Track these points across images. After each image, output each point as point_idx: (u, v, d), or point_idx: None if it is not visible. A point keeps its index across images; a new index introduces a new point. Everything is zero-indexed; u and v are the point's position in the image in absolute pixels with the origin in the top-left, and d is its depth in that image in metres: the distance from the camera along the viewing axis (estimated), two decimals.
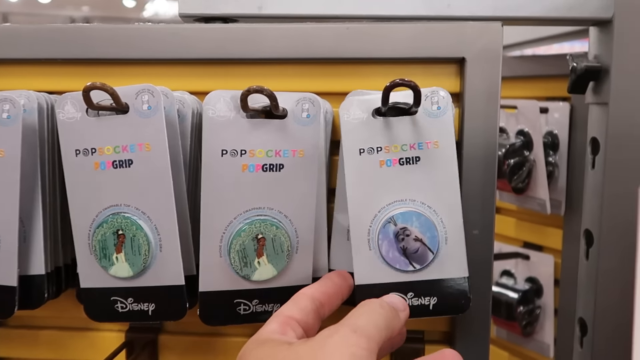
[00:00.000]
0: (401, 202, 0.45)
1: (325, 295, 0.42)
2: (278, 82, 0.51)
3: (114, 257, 0.44)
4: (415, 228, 0.44)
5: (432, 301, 0.45)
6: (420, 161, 0.45)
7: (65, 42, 0.51)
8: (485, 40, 0.48)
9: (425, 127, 0.45)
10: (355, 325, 0.35)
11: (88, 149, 0.45)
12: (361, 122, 0.45)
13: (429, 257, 0.44)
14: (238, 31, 0.50)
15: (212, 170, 0.44)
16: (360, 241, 0.45)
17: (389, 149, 0.45)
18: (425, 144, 0.45)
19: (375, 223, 0.45)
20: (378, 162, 0.45)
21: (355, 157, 0.45)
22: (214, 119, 0.44)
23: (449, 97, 0.45)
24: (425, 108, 0.45)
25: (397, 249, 0.44)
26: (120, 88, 0.43)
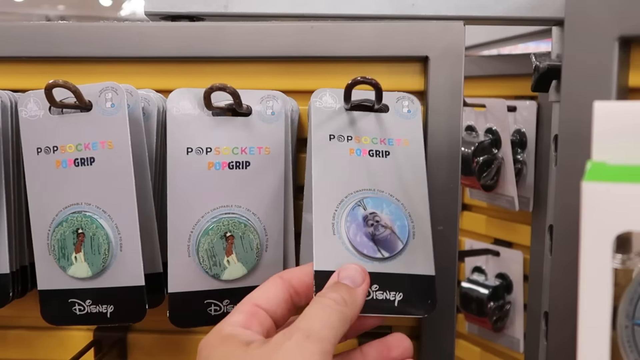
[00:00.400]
0: (370, 192, 0.43)
1: (303, 284, 0.41)
2: (244, 80, 0.51)
3: (73, 256, 0.44)
4: (386, 215, 0.43)
5: (397, 297, 0.42)
6: (390, 156, 0.44)
7: (29, 40, 0.51)
8: (448, 39, 0.49)
9: (396, 125, 0.45)
10: (309, 329, 0.34)
11: (50, 147, 0.44)
12: (333, 111, 0.44)
13: (398, 246, 0.43)
14: (204, 29, 0.50)
15: (178, 168, 0.44)
16: (322, 225, 0.42)
17: (359, 140, 0.44)
18: (395, 141, 0.45)
19: (341, 208, 0.43)
20: (348, 149, 0.44)
21: (324, 142, 0.44)
22: (178, 117, 0.44)
23: (419, 104, 0.47)
24: (397, 109, 0.46)
25: (365, 233, 0.42)
26: (83, 86, 0.43)
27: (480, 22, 0.55)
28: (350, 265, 0.41)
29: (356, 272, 0.40)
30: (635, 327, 0.27)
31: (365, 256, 0.42)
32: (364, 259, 0.42)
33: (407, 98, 0.46)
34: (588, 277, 0.26)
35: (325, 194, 0.43)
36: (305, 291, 0.41)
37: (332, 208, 0.42)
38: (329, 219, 0.42)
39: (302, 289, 0.41)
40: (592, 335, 0.26)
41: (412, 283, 0.43)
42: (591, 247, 0.25)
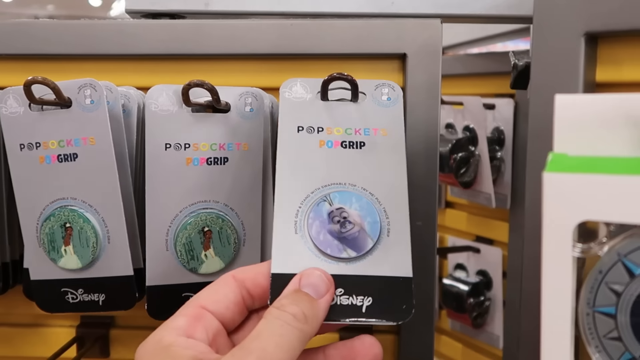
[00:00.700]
0: (339, 186, 0.40)
1: (258, 286, 0.37)
2: (224, 78, 0.51)
3: (62, 249, 0.45)
4: (355, 210, 0.39)
5: (365, 302, 0.37)
6: (365, 147, 0.41)
7: (9, 38, 0.51)
8: (426, 37, 0.50)
9: (374, 114, 0.42)
10: (261, 355, 0.30)
11: (32, 143, 0.45)
12: (303, 101, 0.42)
13: (367, 244, 0.38)
14: (184, 27, 0.51)
15: (157, 164, 0.45)
16: (284, 223, 0.39)
17: (332, 131, 0.41)
18: (372, 131, 0.41)
19: (306, 204, 0.39)
20: (318, 141, 0.41)
21: (292, 134, 0.41)
22: (156, 113, 0.44)
23: (400, 90, 0.43)
24: (375, 97, 0.43)
25: (329, 231, 0.38)
26: (62, 82, 0.44)
27: (458, 20, 0.56)
28: (314, 272, 0.36)
29: (320, 280, 0.36)
30: (596, 314, 0.27)
31: (329, 256, 0.38)
32: (328, 259, 0.38)
33: (387, 85, 0.43)
34: (549, 265, 0.26)
35: (289, 190, 0.40)
36: (260, 294, 0.37)
37: (295, 204, 0.39)
38: (291, 217, 0.39)
39: (256, 291, 0.37)
40: (554, 323, 0.27)
41: (384, 286, 0.38)
42: (552, 237, 0.26)
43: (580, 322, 0.27)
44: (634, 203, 0.25)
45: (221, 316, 0.35)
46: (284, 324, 0.32)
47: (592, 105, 0.27)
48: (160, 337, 0.32)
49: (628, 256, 0.27)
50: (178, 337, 0.32)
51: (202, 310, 0.34)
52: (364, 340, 0.37)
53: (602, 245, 0.27)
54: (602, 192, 0.25)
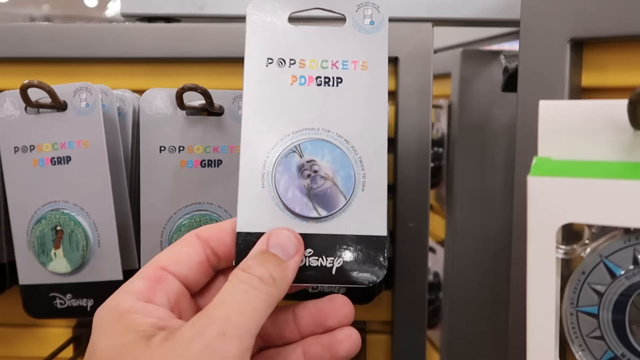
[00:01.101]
0: (312, 131, 0.36)
1: (223, 245, 0.34)
2: (219, 81, 0.52)
3: (52, 252, 0.45)
4: (327, 163, 0.35)
5: (336, 264, 0.35)
6: (342, 84, 0.36)
7: (4, 41, 0.52)
8: (417, 40, 0.51)
9: (353, 42, 0.37)
10: (226, 323, 0.28)
11: (27, 146, 0.45)
12: (274, 26, 0.37)
13: (340, 202, 0.35)
14: (179, 31, 0.51)
15: (151, 166, 0.45)
16: (250, 175, 0.35)
17: (305, 63, 0.36)
18: (351, 64, 0.37)
19: (274, 153, 0.36)
20: (289, 77, 0.36)
21: (260, 68, 0.36)
22: (151, 116, 0.45)
23: (386, 12, 0.37)
24: (356, 21, 0.37)
25: (298, 186, 0.35)
26: (58, 86, 0.44)
27: (450, 24, 0.57)
28: (282, 231, 0.34)
29: (289, 240, 0.33)
30: (579, 314, 0.28)
31: (298, 215, 0.35)
32: (296, 217, 0.35)
33: (370, 5, 0.37)
34: (534, 267, 0.27)
35: (255, 136, 0.36)
36: (226, 253, 0.34)
37: (262, 153, 0.36)
38: (258, 168, 0.35)
39: (221, 250, 0.34)
40: (540, 323, 0.27)
41: (356, 246, 0.35)
42: (536, 239, 0.27)
43: (565, 321, 0.28)
44: (615, 206, 0.25)
45: (184, 278, 0.33)
46: (249, 288, 0.30)
47: (575, 111, 0.27)
48: (117, 303, 0.30)
49: (609, 257, 0.27)
50: (136, 303, 0.30)
51: (162, 271, 0.32)
52: (334, 299, 0.34)
53: (585, 247, 0.28)
54: (585, 195, 0.26)
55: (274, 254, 0.33)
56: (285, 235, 0.33)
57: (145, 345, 0.28)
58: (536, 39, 0.35)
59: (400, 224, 0.52)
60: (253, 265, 0.31)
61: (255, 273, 0.31)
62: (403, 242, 0.52)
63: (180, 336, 0.28)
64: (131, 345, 0.28)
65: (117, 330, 0.29)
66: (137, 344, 0.28)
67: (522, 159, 0.36)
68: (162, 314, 0.30)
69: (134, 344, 0.28)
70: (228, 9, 0.54)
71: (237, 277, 0.31)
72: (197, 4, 0.53)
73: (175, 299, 0.32)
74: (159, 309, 0.31)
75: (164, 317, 0.30)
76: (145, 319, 0.29)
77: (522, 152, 0.36)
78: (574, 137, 0.27)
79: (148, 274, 0.32)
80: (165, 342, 0.28)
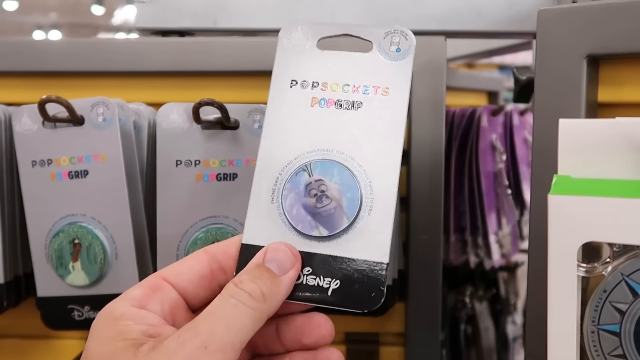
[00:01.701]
0: (325, 152, 0.36)
1: (230, 257, 0.34)
2: (232, 94, 0.52)
3: (70, 265, 0.45)
4: (335, 184, 0.35)
5: (332, 285, 0.34)
6: (362, 108, 0.37)
7: (22, 55, 0.52)
8: (430, 54, 0.51)
9: (378, 68, 0.37)
10: (209, 336, 0.29)
11: (44, 160, 0.46)
12: (302, 50, 0.38)
13: (342, 223, 0.35)
14: (193, 44, 0.52)
15: (167, 180, 0.46)
16: (261, 190, 0.36)
17: (327, 87, 0.37)
18: (372, 89, 0.37)
19: (287, 171, 0.36)
20: (310, 99, 0.37)
21: (284, 89, 0.37)
22: (167, 131, 0.45)
23: (413, 40, 0.37)
24: (382, 47, 0.37)
25: (304, 204, 0.35)
26: (75, 101, 0.45)
27: (461, 36, 0.57)
28: (280, 246, 0.34)
29: (285, 255, 0.33)
30: (600, 332, 0.28)
31: (301, 233, 0.35)
32: (300, 235, 0.35)
33: (399, 33, 0.37)
34: (555, 285, 0.27)
35: (271, 153, 0.37)
36: (233, 267, 0.35)
37: (276, 170, 0.36)
38: (271, 183, 0.36)
39: (228, 264, 0.34)
40: (561, 341, 0.28)
41: (355, 269, 0.35)
42: (558, 257, 0.27)
43: (585, 339, 0.28)
44: (637, 225, 0.25)
45: (182, 289, 0.33)
46: (238, 303, 0.30)
47: (595, 129, 0.27)
48: (113, 308, 0.31)
49: (631, 276, 0.28)
50: (130, 309, 0.31)
51: (161, 281, 0.33)
52: (312, 318, 0.34)
53: (606, 265, 0.28)
54: (606, 214, 0.26)
55: (268, 269, 0.33)
56: (282, 251, 0.34)
57: (133, 354, 0.29)
58: (552, 55, 0.35)
59: (413, 236, 0.52)
60: (245, 280, 0.31)
61: (245, 288, 0.31)
62: (416, 254, 0.52)
63: (165, 346, 0.29)
64: (119, 352, 0.29)
65: (109, 337, 0.30)
66: (125, 352, 0.29)
67: (538, 175, 0.36)
68: (153, 320, 0.31)
69: (123, 351, 0.29)
70: (241, 22, 0.54)
71: (228, 291, 0.31)
72: (211, 18, 0.54)
73: (170, 308, 0.32)
74: (150, 316, 0.31)
75: (155, 324, 0.31)
76: (136, 326, 0.30)
77: (538, 168, 0.36)
78: (594, 155, 0.27)
79: (147, 283, 0.33)
80: (151, 352, 0.28)
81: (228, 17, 0.54)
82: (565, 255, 0.27)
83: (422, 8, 0.54)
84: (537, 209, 0.36)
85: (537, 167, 0.36)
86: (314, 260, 0.35)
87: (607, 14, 0.34)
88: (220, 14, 0.54)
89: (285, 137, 0.37)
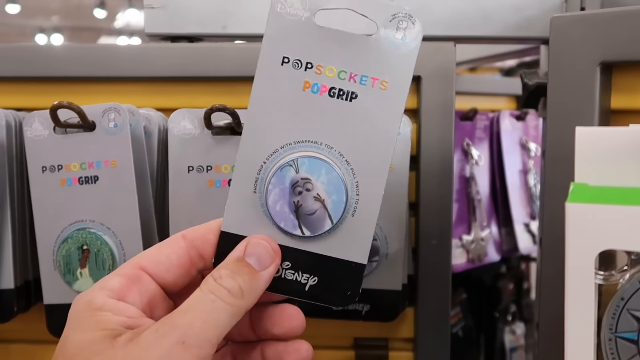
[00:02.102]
0: (314, 145, 0.35)
1: (208, 244, 0.34)
2: (241, 99, 0.52)
3: (78, 272, 0.45)
4: (321, 184, 0.34)
5: (310, 281, 0.35)
6: (356, 100, 0.34)
7: (32, 61, 0.52)
8: (440, 59, 0.51)
9: (379, 56, 0.34)
10: (187, 331, 0.29)
11: (55, 166, 0.46)
12: (297, 21, 0.34)
13: (325, 225, 0.34)
14: (202, 50, 0.52)
15: (180, 186, 0.46)
16: (244, 177, 0.35)
17: (322, 70, 0.34)
18: (371, 80, 0.34)
19: (271, 160, 0.35)
20: (302, 82, 0.34)
21: (274, 67, 0.34)
22: (179, 137, 0.45)
23: (420, 27, 0.34)
24: (387, 32, 0.34)
25: (288, 202, 0.34)
26: (87, 107, 0.45)
27: (470, 42, 0.57)
28: (260, 241, 0.34)
29: (265, 251, 0.33)
30: (618, 340, 0.28)
31: (281, 230, 0.35)
32: (280, 231, 0.35)
33: (407, 18, 0.34)
34: (573, 292, 0.27)
35: (256, 139, 0.35)
36: (211, 254, 0.34)
37: (260, 158, 0.35)
38: (253, 171, 0.35)
39: (207, 251, 0.34)
40: (578, 348, 0.28)
41: (333, 268, 0.35)
42: (575, 265, 0.27)
43: (603, 347, 0.28)
44: None
45: (161, 279, 0.33)
46: (216, 299, 0.31)
47: (611, 137, 0.28)
48: (91, 298, 0.31)
49: None
50: (108, 300, 0.31)
51: (139, 271, 0.33)
52: (284, 309, 0.35)
53: (624, 273, 0.28)
54: (623, 221, 0.26)
55: (248, 264, 0.33)
56: (262, 246, 0.33)
57: (110, 344, 0.29)
58: (566, 62, 0.35)
59: (422, 242, 0.52)
60: (224, 276, 0.32)
61: (224, 284, 0.31)
62: (426, 260, 0.52)
63: (143, 339, 0.29)
64: (97, 342, 0.29)
65: (87, 326, 0.30)
66: (102, 341, 0.29)
67: (551, 182, 0.36)
68: (132, 312, 0.31)
69: (100, 341, 0.29)
70: (250, 28, 0.54)
71: (207, 286, 0.31)
72: (220, 24, 0.54)
73: (148, 299, 0.33)
74: (129, 308, 0.31)
75: (134, 316, 0.31)
76: (115, 317, 0.30)
77: (551, 175, 0.36)
78: (610, 162, 0.27)
79: (125, 272, 0.33)
80: (128, 344, 0.29)
81: (237, 23, 0.54)
82: (582, 263, 0.27)
83: (431, 13, 0.55)
84: (550, 215, 0.36)
85: (550, 174, 0.36)
86: (294, 256, 0.35)
87: (620, 21, 0.34)
88: (229, 19, 0.54)
89: (272, 122, 0.34)
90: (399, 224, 0.48)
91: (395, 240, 0.48)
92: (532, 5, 0.55)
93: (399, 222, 0.48)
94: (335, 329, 0.54)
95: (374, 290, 0.48)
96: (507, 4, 0.55)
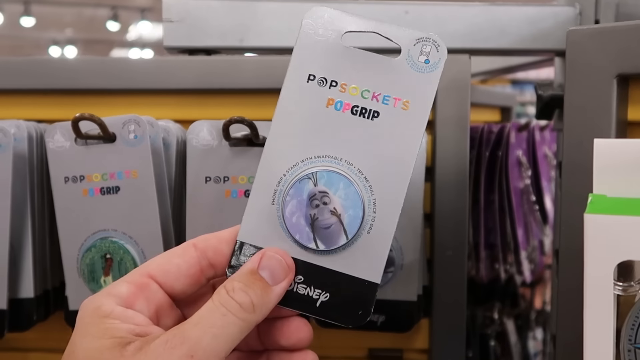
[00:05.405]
0: (333, 160, 0.35)
1: (220, 255, 0.34)
2: (258, 111, 0.53)
3: (102, 280, 0.46)
4: (338, 199, 0.34)
5: (322, 297, 0.34)
6: (378, 119, 0.35)
7: (53, 73, 0.53)
8: (455, 71, 0.51)
9: (402, 78, 0.34)
10: (196, 345, 0.29)
11: (77, 176, 0.47)
12: (326, 44, 0.35)
13: (340, 240, 0.34)
14: (220, 63, 0.53)
15: (197, 196, 0.46)
16: (263, 188, 0.35)
17: (346, 88, 0.35)
18: (393, 100, 0.34)
19: (291, 173, 0.35)
20: (326, 99, 0.35)
21: (300, 84, 0.35)
22: (197, 148, 0.46)
23: (445, 52, 0.35)
24: (411, 56, 0.34)
25: (304, 214, 0.34)
26: (107, 118, 0.45)
27: (485, 54, 0.58)
28: (275, 255, 0.33)
29: (279, 265, 0.33)
30: (637, 351, 0.28)
31: (296, 243, 0.35)
32: (295, 244, 0.35)
33: (431, 42, 0.34)
34: (591, 303, 0.27)
35: (279, 151, 0.35)
36: (222, 263, 0.34)
37: (281, 170, 0.35)
38: (273, 183, 0.35)
39: (218, 260, 0.34)
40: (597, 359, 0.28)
41: (346, 285, 0.35)
42: (594, 276, 0.27)
43: (622, 358, 0.28)
44: None
45: (169, 288, 0.33)
46: (227, 313, 0.30)
47: (630, 149, 0.28)
48: (99, 304, 0.31)
49: None
50: (116, 308, 0.31)
51: (148, 279, 0.33)
52: (291, 322, 0.35)
53: None
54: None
55: (261, 278, 0.32)
56: (276, 260, 0.33)
57: (119, 353, 0.29)
58: (582, 74, 0.36)
59: (438, 253, 0.52)
60: (237, 289, 0.31)
61: (236, 298, 0.31)
62: (441, 271, 0.52)
63: (152, 350, 0.29)
64: (106, 350, 0.29)
65: (96, 333, 0.30)
66: (112, 350, 0.29)
67: (568, 194, 0.36)
68: (140, 320, 0.31)
69: (110, 349, 0.29)
70: (268, 41, 0.55)
71: (219, 298, 0.31)
72: (238, 37, 0.55)
73: (156, 308, 0.33)
74: (137, 316, 0.32)
75: (141, 324, 0.31)
76: (123, 325, 0.30)
77: (568, 187, 0.36)
78: (629, 174, 0.28)
79: (134, 280, 0.33)
80: (137, 353, 0.29)
81: (255, 36, 0.54)
82: (601, 274, 0.27)
83: (446, 26, 0.55)
84: (567, 226, 0.36)
85: (567, 185, 0.36)
86: (307, 270, 0.35)
87: (637, 34, 0.35)
88: (246, 32, 0.55)
89: (295, 136, 0.35)
90: (414, 234, 0.48)
91: (410, 251, 0.48)
92: (546, 17, 0.55)
93: (414, 233, 0.48)
94: (350, 339, 0.55)
95: (389, 301, 0.49)
96: (521, 17, 0.55)
